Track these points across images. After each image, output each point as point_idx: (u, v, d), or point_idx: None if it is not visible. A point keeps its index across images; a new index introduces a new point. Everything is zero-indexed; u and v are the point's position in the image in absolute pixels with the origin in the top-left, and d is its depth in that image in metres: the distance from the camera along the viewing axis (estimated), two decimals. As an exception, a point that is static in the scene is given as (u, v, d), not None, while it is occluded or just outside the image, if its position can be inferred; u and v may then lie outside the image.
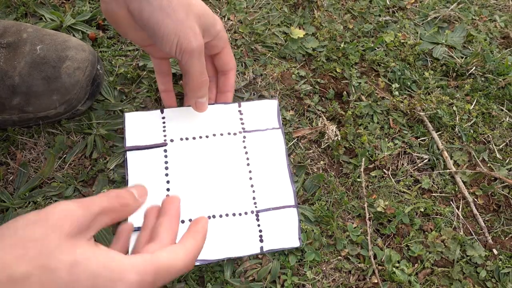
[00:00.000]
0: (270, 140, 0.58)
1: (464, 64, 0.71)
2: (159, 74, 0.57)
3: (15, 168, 0.57)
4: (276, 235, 0.53)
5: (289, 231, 0.54)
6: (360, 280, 0.54)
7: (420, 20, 0.77)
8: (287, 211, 0.55)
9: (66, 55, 0.56)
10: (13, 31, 0.57)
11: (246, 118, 0.59)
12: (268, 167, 0.57)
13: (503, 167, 0.63)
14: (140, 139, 0.56)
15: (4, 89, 0.54)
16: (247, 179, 0.56)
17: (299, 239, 0.53)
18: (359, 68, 0.69)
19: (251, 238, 0.53)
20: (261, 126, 0.59)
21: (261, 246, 0.52)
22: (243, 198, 0.55)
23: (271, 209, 0.54)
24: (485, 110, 0.68)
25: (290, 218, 0.54)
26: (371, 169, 0.61)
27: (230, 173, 0.56)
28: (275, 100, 0.61)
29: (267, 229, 0.53)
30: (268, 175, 0.56)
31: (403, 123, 0.65)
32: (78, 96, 0.57)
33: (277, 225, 0.54)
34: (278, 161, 0.57)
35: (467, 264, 0.55)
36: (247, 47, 0.68)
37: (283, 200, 0.55)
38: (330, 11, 0.75)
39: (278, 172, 0.57)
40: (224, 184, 0.55)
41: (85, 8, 0.69)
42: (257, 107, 0.60)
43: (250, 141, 0.58)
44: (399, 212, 0.57)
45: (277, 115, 0.60)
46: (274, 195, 0.55)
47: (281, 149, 0.58)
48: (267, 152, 0.58)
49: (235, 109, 0.59)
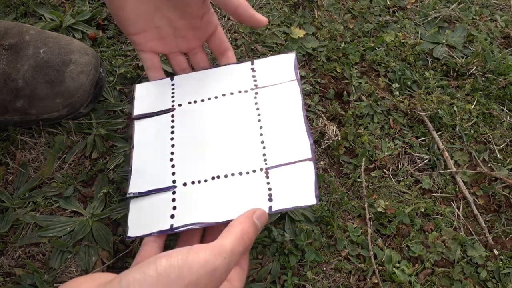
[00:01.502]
0: (284, 93, 0.54)
1: (464, 64, 0.71)
2: (150, 70, 0.54)
3: (15, 168, 0.57)
4: (288, 193, 0.47)
5: (304, 187, 0.47)
6: (361, 280, 0.53)
7: (421, 20, 0.77)
8: (303, 165, 0.49)
9: (70, 59, 0.56)
10: (14, 32, 0.57)
11: (259, 74, 0.55)
12: (282, 122, 0.52)
13: (504, 167, 0.63)
14: (148, 107, 0.54)
15: (7, 92, 0.54)
16: (257, 135, 0.52)
17: (315, 196, 0.46)
18: (360, 68, 0.69)
19: (259, 198, 0.48)
20: (275, 80, 0.55)
21: (270, 206, 0.47)
22: (252, 155, 0.50)
23: (283, 165, 0.49)
24: (486, 110, 0.67)
25: (305, 173, 0.48)
26: (372, 169, 0.61)
27: (238, 132, 0.52)
28: (293, 53, 0.56)
29: (277, 187, 0.48)
30: (281, 129, 0.52)
31: (403, 123, 0.65)
32: (81, 99, 0.57)
33: (290, 182, 0.48)
34: (293, 114, 0.52)
35: (468, 264, 0.55)
36: (247, 47, 0.68)
37: (298, 154, 0.50)
38: (330, 11, 0.75)
39: (293, 125, 0.52)
40: (231, 143, 0.51)
41: (85, 8, 0.69)
42: (272, 62, 0.56)
43: (262, 97, 0.54)
44: (400, 212, 0.57)
45: (294, 67, 0.55)
46: (287, 150, 0.50)
47: (297, 101, 0.53)
48: (281, 105, 0.53)
49: (247, 68, 0.56)
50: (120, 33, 0.69)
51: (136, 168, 0.51)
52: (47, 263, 0.51)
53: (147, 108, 0.54)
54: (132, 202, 0.49)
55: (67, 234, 0.53)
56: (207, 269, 0.29)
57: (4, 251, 0.52)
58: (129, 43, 0.67)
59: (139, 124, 0.53)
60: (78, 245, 0.52)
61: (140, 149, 0.52)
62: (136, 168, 0.51)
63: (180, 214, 0.47)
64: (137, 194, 0.49)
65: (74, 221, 0.53)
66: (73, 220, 0.53)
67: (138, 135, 0.53)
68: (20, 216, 0.53)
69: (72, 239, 0.52)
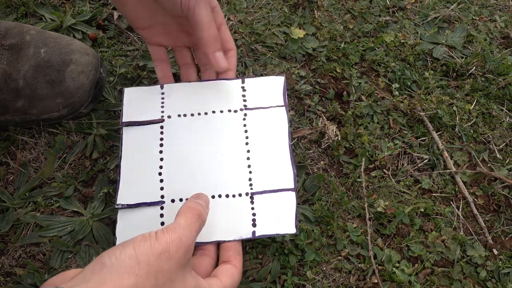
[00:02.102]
0: (272, 119, 0.55)
1: (464, 64, 0.71)
2: (157, 62, 0.56)
3: (15, 168, 0.57)
4: (270, 220, 0.50)
5: (285, 215, 0.50)
6: (360, 280, 0.54)
7: (420, 20, 0.77)
8: (285, 194, 0.51)
9: (70, 59, 0.56)
10: (15, 33, 0.57)
11: (249, 95, 0.56)
12: (268, 147, 0.54)
13: (503, 167, 0.63)
14: (137, 114, 0.54)
15: (8, 91, 0.54)
16: (245, 159, 0.53)
17: (295, 226, 0.50)
18: (359, 68, 0.69)
19: (243, 222, 0.50)
20: (264, 103, 0.56)
21: (253, 231, 0.49)
22: (239, 179, 0.52)
23: (267, 191, 0.51)
24: (485, 110, 0.68)
25: (287, 202, 0.51)
26: (371, 169, 0.61)
27: (227, 152, 0.53)
28: (282, 77, 0.58)
29: (261, 213, 0.50)
30: (267, 155, 0.53)
31: (403, 123, 0.65)
32: (81, 99, 0.57)
33: (272, 209, 0.50)
34: (279, 141, 0.54)
35: (467, 264, 0.55)
36: (247, 47, 0.68)
37: (281, 183, 0.52)
38: (330, 11, 0.75)
39: (279, 153, 0.53)
40: (220, 164, 0.52)
41: (85, 8, 0.69)
42: (262, 83, 0.57)
43: (251, 119, 0.55)
44: (399, 212, 0.57)
45: (283, 92, 0.57)
46: (272, 177, 0.52)
47: (284, 128, 0.55)
48: (268, 131, 0.55)
49: (238, 85, 0.56)
50: (120, 34, 0.69)
51: (124, 179, 0.51)
52: (48, 263, 0.51)
53: (136, 116, 0.54)
54: (120, 212, 0.50)
55: (67, 234, 0.53)
56: (173, 238, 0.36)
57: (4, 251, 0.52)
58: (129, 43, 0.67)
59: (128, 132, 0.54)
60: (78, 245, 0.52)
61: (128, 160, 0.52)
62: (124, 179, 0.51)
63: None
64: (125, 205, 0.50)
65: (74, 221, 0.53)
66: (74, 220, 0.53)
67: (126, 143, 0.53)
68: (20, 216, 0.53)
69: (73, 239, 0.52)
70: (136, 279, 0.32)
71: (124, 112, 0.54)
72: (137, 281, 0.32)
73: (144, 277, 0.33)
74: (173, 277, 0.35)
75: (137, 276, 0.32)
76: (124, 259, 0.33)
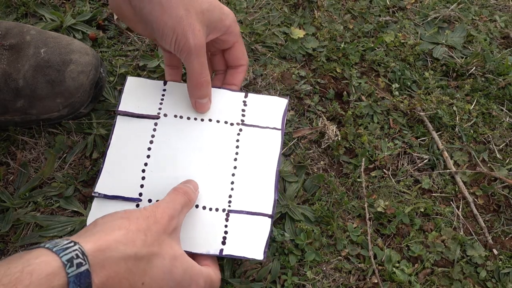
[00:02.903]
0: (266, 140, 0.55)
1: (464, 64, 0.71)
2: (168, 67, 0.56)
3: (15, 168, 0.57)
4: (240, 242, 0.49)
5: (256, 241, 0.49)
6: (360, 280, 0.54)
7: (420, 20, 0.77)
8: (261, 219, 0.51)
9: (70, 59, 0.56)
10: (15, 33, 0.57)
11: (249, 110, 0.56)
12: (255, 168, 0.53)
13: (503, 167, 0.63)
14: (134, 106, 0.54)
15: (8, 91, 0.54)
16: (230, 174, 0.52)
17: (264, 252, 0.49)
18: (359, 68, 0.69)
19: (213, 238, 0.49)
20: (262, 122, 0.56)
21: (221, 249, 0.49)
22: (219, 193, 0.51)
23: (244, 212, 0.51)
24: (485, 110, 0.68)
25: (261, 228, 0.50)
26: (371, 169, 0.61)
27: (214, 164, 0.52)
28: (286, 99, 0.57)
29: (233, 232, 0.50)
30: (252, 176, 0.53)
31: (403, 123, 0.65)
32: (81, 99, 0.57)
33: (245, 231, 0.50)
34: (267, 164, 0.54)
35: (467, 264, 0.56)
36: (247, 47, 0.68)
37: (260, 207, 0.51)
38: (330, 11, 0.75)
39: (264, 176, 0.53)
40: (204, 173, 0.52)
41: (85, 8, 0.69)
42: (264, 102, 0.57)
43: (245, 135, 0.55)
44: (399, 212, 0.57)
45: (282, 115, 0.56)
46: (252, 198, 0.51)
47: (275, 152, 0.54)
48: (259, 152, 0.54)
49: (240, 99, 0.56)
50: (120, 34, 0.69)
51: (107, 168, 0.51)
52: (48, 263, 0.51)
53: (132, 107, 0.54)
54: (95, 201, 0.50)
55: (67, 234, 0.53)
56: (157, 206, 0.41)
57: (4, 251, 0.52)
58: (129, 43, 0.68)
59: (121, 121, 0.53)
60: (78, 245, 0.52)
61: (115, 150, 0.52)
62: (107, 169, 0.51)
63: None
64: (102, 195, 0.49)
65: (74, 221, 0.53)
66: (74, 220, 0.53)
67: (117, 133, 0.53)
68: (20, 216, 0.53)
69: (73, 239, 0.52)
70: (127, 232, 0.36)
71: (122, 100, 0.54)
72: (127, 234, 0.36)
73: (134, 232, 0.36)
74: (161, 240, 0.38)
75: (128, 230, 0.36)
76: (115, 218, 0.37)
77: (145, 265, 0.36)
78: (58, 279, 0.30)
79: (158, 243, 0.38)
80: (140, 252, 0.36)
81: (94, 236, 0.34)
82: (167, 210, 0.41)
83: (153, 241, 0.37)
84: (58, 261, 0.31)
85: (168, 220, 0.40)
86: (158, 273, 0.37)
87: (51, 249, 0.32)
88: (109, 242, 0.34)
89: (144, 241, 0.36)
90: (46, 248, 0.32)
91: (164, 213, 0.40)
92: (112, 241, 0.34)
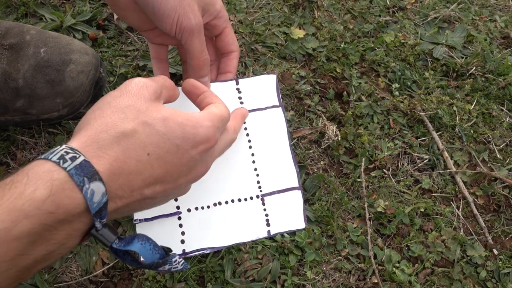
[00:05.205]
0: (270, 120, 0.58)
1: (464, 64, 0.71)
2: (156, 60, 0.56)
3: (15, 168, 0.57)
4: (282, 218, 0.54)
5: (294, 213, 0.54)
6: (360, 280, 0.54)
7: (420, 20, 0.77)
8: (292, 193, 0.55)
9: (70, 59, 0.56)
10: (15, 32, 0.57)
11: (245, 96, 0.58)
12: (271, 149, 0.56)
13: (503, 167, 0.63)
14: None
15: (7, 91, 0.54)
16: (250, 162, 0.55)
17: (304, 221, 0.54)
18: (359, 68, 0.69)
19: (258, 223, 0.53)
20: (260, 104, 0.58)
21: (268, 230, 0.53)
22: (248, 183, 0.55)
23: (275, 192, 0.55)
24: (485, 110, 0.68)
25: (295, 200, 0.55)
26: (371, 169, 0.61)
27: (233, 158, 0.55)
28: (273, 75, 0.60)
29: (273, 212, 0.54)
30: (270, 157, 0.56)
31: (403, 123, 0.65)
32: (81, 99, 0.57)
33: (282, 208, 0.54)
34: (280, 142, 0.57)
35: (467, 264, 0.55)
36: (247, 47, 0.68)
37: (287, 183, 0.55)
38: (330, 11, 0.75)
39: (281, 153, 0.57)
40: (227, 169, 0.54)
41: (85, 8, 0.69)
42: (256, 83, 0.59)
43: (250, 122, 0.57)
44: (399, 212, 0.57)
45: (276, 91, 0.59)
46: (278, 178, 0.55)
47: (283, 129, 0.57)
48: (269, 133, 0.57)
49: (233, 87, 0.58)
50: (120, 34, 0.69)
51: None
52: (48, 263, 0.51)
53: None
54: (138, 226, 0.51)
55: (67, 234, 0.53)
56: (133, 81, 0.40)
57: (4, 251, 0.52)
58: (129, 43, 0.67)
59: None
60: (78, 245, 0.52)
61: None
62: None
63: (190, 240, 0.51)
64: (143, 220, 0.51)
65: (74, 221, 0.53)
66: (74, 220, 0.53)
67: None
68: (20, 216, 0.53)
69: (73, 239, 0.52)
70: (103, 119, 0.36)
71: None
72: (105, 120, 0.36)
73: (110, 115, 0.36)
74: (143, 109, 0.37)
75: (103, 117, 0.36)
76: (88, 114, 0.38)
77: (139, 137, 0.36)
78: (58, 173, 0.30)
79: (141, 113, 0.37)
80: (126, 128, 0.35)
81: (75, 137, 0.34)
82: (136, 82, 0.40)
83: (134, 114, 0.36)
84: (49, 162, 0.31)
85: (140, 88, 0.39)
86: (156, 139, 0.37)
87: (39, 159, 0.32)
88: (91, 135, 0.34)
89: (125, 118, 0.36)
90: (32, 161, 0.32)
91: (134, 84, 0.39)
92: (93, 133, 0.34)
